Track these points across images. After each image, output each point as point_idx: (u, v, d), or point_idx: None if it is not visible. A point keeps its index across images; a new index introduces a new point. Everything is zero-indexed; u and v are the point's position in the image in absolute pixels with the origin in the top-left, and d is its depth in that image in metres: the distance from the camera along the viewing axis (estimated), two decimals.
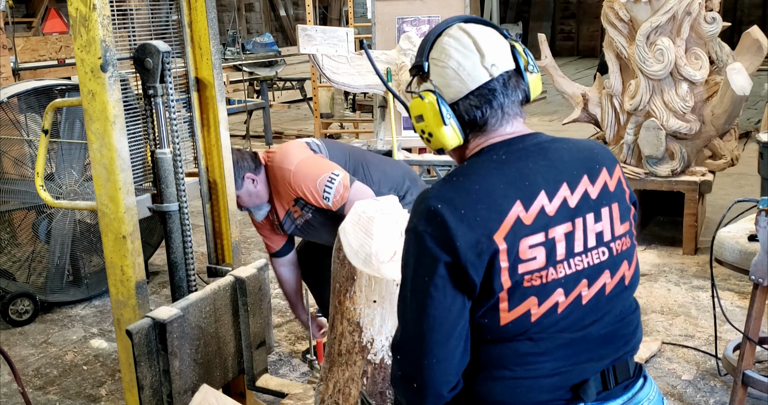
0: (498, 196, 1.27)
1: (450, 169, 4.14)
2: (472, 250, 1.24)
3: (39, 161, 2.54)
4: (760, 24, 2.39)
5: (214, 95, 2.54)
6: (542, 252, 1.27)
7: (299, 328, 3.79)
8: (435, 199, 1.28)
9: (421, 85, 1.40)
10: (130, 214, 2.17)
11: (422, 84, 1.40)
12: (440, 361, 1.26)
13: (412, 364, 1.29)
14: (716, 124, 4.49)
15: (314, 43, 3.73)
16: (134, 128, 2.39)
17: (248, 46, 9.90)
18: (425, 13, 4.87)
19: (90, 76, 2.07)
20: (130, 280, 2.19)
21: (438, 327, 1.26)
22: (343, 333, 2.04)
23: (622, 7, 4.87)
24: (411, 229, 1.30)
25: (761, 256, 2.52)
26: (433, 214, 1.26)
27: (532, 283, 1.27)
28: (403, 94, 3.80)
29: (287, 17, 16.99)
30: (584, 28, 19.63)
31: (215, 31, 2.51)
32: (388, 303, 1.97)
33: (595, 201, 1.33)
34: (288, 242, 3.22)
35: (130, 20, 2.36)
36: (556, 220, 1.29)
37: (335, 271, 2.06)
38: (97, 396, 3.28)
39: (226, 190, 2.62)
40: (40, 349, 3.75)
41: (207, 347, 2.42)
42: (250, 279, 2.52)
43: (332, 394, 2.10)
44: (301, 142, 3.00)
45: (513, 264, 1.25)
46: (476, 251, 1.24)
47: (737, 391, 2.73)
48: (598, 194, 1.34)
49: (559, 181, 1.31)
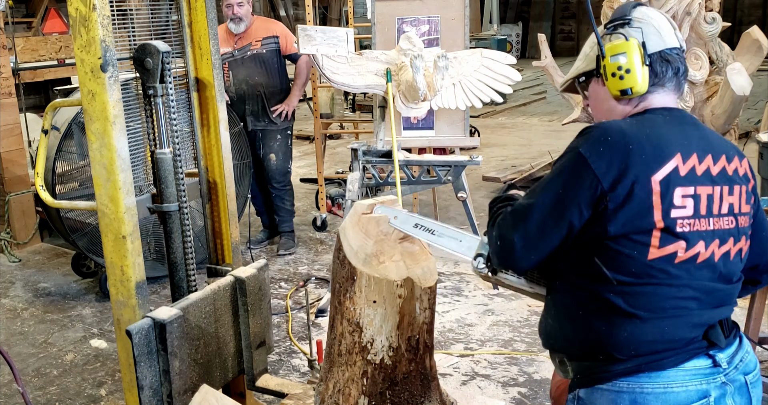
0: (664, 144, 1.46)
1: (450, 169, 4.15)
2: (626, 181, 1.41)
3: (39, 161, 2.54)
4: (760, 24, 2.40)
5: (214, 95, 2.54)
6: (691, 203, 1.45)
7: (299, 328, 3.79)
8: (609, 129, 1.47)
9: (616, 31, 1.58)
10: (130, 214, 2.17)
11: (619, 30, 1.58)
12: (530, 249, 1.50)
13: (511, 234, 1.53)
14: (716, 124, 4.48)
15: (314, 43, 3.72)
16: (134, 128, 2.39)
17: None
18: (425, 13, 4.86)
19: (90, 76, 2.07)
20: (130, 281, 2.19)
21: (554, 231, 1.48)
22: (343, 333, 2.04)
23: None
24: (574, 148, 1.48)
25: None
26: (603, 141, 1.44)
27: (682, 229, 1.44)
28: (402, 93, 3.80)
29: (287, 17, 16.98)
30: (584, 28, 19.63)
31: (215, 31, 2.51)
32: (388, 303, 1.97)
33: (729, 177, 1.52)
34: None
35: (130, 20, 2.36)
36: (702, 180, 1.47)
37: (335, 271, 2.06)
38: (97, 396, 3.28)
39: (226, 190, 2.62)
40: (40, 349, 3.75)
41: (207, 347, 2.42)
42: (250, 279, 2.52)
43: (332, 395, 2.10)
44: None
45: (667, 208, 1.43)
46: (628, 184, 1.41)
47: None
48: (732, 173, 1.53)
49: (706, 151, 1.50)
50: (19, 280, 4.77)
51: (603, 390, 1.49)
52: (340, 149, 8.62)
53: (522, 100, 12.01)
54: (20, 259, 5.16)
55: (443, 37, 4.84)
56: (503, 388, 3.22)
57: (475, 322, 3.91)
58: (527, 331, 3.75)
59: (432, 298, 2.07)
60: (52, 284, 4.67)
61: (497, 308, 4.06)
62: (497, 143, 8.74)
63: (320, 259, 4.98)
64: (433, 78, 3.68)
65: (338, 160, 8.07)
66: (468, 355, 3.53)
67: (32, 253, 5.31)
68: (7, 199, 5.25)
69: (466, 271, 4.61)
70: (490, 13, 16.54)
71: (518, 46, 18.69)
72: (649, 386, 1.45)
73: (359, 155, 4.14)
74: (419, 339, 2.06)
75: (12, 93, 5.28)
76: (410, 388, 2.07)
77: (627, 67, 1.53)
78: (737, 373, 1.51)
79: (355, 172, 4.14)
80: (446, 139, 4.92)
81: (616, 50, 1.55)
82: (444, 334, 3.75)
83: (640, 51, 1.53)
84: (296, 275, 4.69)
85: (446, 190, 6.14)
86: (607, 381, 1.48)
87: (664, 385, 1.44)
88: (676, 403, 1.44)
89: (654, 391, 1.44)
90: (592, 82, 1.67)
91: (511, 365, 3.41)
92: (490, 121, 10.46)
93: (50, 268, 5.00)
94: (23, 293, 4.54)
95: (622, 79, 1.54)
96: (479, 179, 6.73)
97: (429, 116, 4.87)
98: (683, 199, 1.44)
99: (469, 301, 4.17)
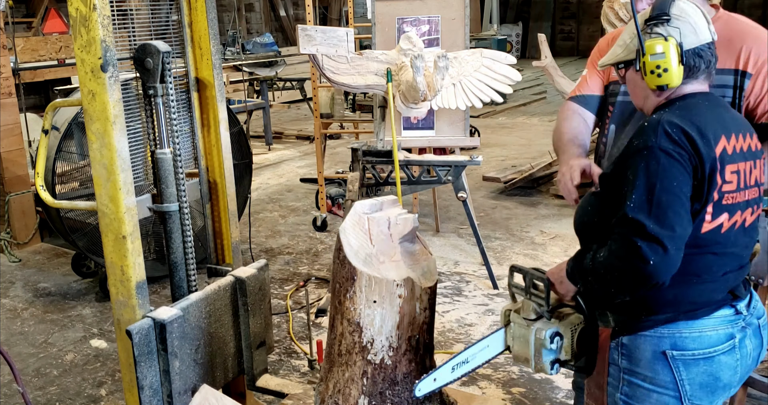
0: (711, 128, 1.63)
1: (450, 169, 4.15)
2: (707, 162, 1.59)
3: (39, 161, 2.53)
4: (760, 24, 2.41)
5: (214, 95, 2.54)
6: (735, 178, 1.64)
7: (299, 328, 3.79)
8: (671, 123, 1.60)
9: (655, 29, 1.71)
10: (130, 214, 2.16)
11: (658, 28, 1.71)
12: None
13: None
14: None
15: (314, 43, 3.72)
16: (134, 128, 2.39)
17: (248, 46, 9.90)
18: (425, 13, 4.86)
19: (90, 76, 2.07)
20: (130, 281, 2.18)
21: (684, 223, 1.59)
22: (343, 333, 2.04)
23: (622, 8, 4.87)
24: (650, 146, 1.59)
25: (761, 256, 2.52)
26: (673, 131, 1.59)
27: (728, 201, 1.64)
28: (402, 93, 3.80)
29: (287, 17, 16.98)
30: (584, 28, 19.62)
31: (215, 31, 2.51)
32: (388, 303, 1.97)
33: (753, 152, 1.71)
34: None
35: (130, 20, 2.36)
36: (740, 157, 1.66)
37: (335, 271, 2.06)
38: (97, 396, 3.28)
39: (226, 190, 2.62)
40: (40, 349, 3.75)
41: (207, 347, 2.42)
42: (250, 279, 2.52)
43: (332, 395, 2.10)
44: None
45: (721, 184, 1.62)
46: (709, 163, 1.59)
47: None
48: (754, 149, 1.73)
49: (739, 131, 1.69)
50: (19, 280, 4.77)
51: (646, 336, 1.70)
52: (341, 149, 8.63)
53: (522, 100, 12.01)
54: (20, 259, 5.16)
55: (443, 37, 4.84)
56: (503, 387, 3.22)
57: (476, 322, 3.91)
58: None
59: (432, 298, 2.07)
60: (52, 284, 4.68)
61: (497, 308, 4.06)
62: (497, 143, 8.74)
63: (320, 259, 4.98)
64: (434, 78, 3.68)
65: (338, 160, 8.07)
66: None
67: (32, 253, 5.31)
68: (7, 199, 5.25)
69: (466, 271, 4.61)
70: (490, 13, 16.54)
71: (518, 46, 18.69)
72: (687, 331, 1.68)
73: (359, 155, 4.15)
74: (419, 339, 2.06)
75: (12, 93, 5.28)
76: (410, 388, 2.07)
77: (665, 66, 1.68)
78: (752, 317, 1.77)
79: (355, 172, 4.15)
80: (446, 139, 4.92)
81: (655, 50, 1.68)
82: (444, 334, 3.75)
83: (678, 51, 1.68)
84: (296, 275, 4.69)
85: (446, 190, 6.14)
86: (649, 329, 1.70)
87: (699, 331, 1.68)
88: (710, 345, 1.68)
89: (691, 336, 1.68)
90: (630, 70, 1.80)
91: (511, 365, 3.41)
92: (490, 121, 10.46)
93: (50, 268, 5.00)
94: (23, 293, 4.54)
95: (660, 76, 1.69)
96: (479, 179, 6.73)
97: (429, 116, 4.87)
98: (731, 174, 1.64)
99: (469, 301, 4.17)
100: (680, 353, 1.68)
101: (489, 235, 5.25)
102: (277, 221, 5.97)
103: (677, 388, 1.69)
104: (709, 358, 1.69)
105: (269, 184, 7.26)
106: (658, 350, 1.69)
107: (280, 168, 8.00)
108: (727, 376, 1.71)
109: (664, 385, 1.70)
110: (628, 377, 1.74)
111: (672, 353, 1.68)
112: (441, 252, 5.01)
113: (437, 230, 5.51)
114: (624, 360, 1.74)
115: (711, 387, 1.70)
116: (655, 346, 1.69)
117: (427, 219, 5.72)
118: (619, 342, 1.75)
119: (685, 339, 1.68)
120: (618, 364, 1.76)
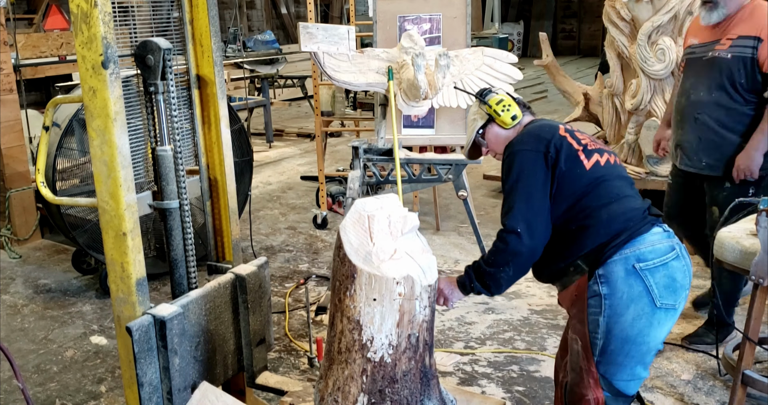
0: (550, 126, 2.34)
1: (451, 167, 4.15)
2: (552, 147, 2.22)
3: (40, 158, 2.53)
4: None
5: (215, 92, 2.54)
6: (584, 137, 2.31)
7: (299, 326, 3.79)
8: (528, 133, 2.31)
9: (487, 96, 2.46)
10: (131, 211, 2.16)
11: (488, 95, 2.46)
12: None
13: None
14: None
15: (315, 40, 3.72)
16: (135, 125, 2.39)
17: (249, 43, 9.90)
18: (427, 11, 4.86)
19: (91, 73, 2.06)
20: (131, 277, 2.19)
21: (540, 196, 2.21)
22: (342, 331, 2.04)
23: (623, 7, 4.87)
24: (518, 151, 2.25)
25: (761, 256, 2.52)
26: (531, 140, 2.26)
27: (591, 147, 2.26)
28: (403, 91, 3.80)
29: (288, 15, 16.97)
30: (585, 27, 19.61)
31: (216, 29, 2.51)
32: (387, 301, 1.97)
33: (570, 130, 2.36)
34: None
35: (131, 17, 2.36)
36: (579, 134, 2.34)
37: (335, 269, 2.06)
38: (96, 392, 3.28)
39: (227, 187, 2.62)
40: (40, 345, 3.75)
41: (207, 344, 2.42)
42: (251, 276, 2.52)
43: (332, 392, 2.10)
44: None
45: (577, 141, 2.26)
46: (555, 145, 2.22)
47: (737, 391, 2.73)
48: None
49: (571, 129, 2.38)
50: (19, 277, 4.77)
51: (615, 261, 2.12)
52: (341, 147, 8.63)
53: (523, 98, 12.01)
54: (21, 256, 5.16)
55: (445, 36, 4.84)
56: (503, 386, 3.22)
57: (476, 320, 3.91)
58: (527, 330, 3.76)
59: (432, 296, 2.07)
60: (53, 281, 4.68)
61: (498, 307, 4.07)
62: None
63: (320, 257, 4.98)
64: (435, 76, 3.68)
65: (339, 157, 8.07)
66: (468, 353, 3.53)
67: (33, 249, 5.31)
68: (7, 196, 5.25)
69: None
70: (491, 12, 16.53)
71: (519, 45, 18.68)
72: (643, 247, 2.12)
73: (360, 153, 4.14)
74: (419, 337, 2.06)
75: (13, 89, 5.28)
76: (410, 386, 2.07)
77: (507, 103, 2.41)
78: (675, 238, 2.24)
79: (355, 170, 4.14)
80: (447, 138, 4.93)
81: (495, 99, 2.41)
82: (444, 333, 3.75)
83: (509, 95, 2.44)
84: (296, 273, 4.69)
85: (447, 188, 6.14)
86: (614, 254, 2.12)
87: (651, 244, 2.13)
88: (662, 253, 2.13)
89: (647, 249, 2.12)
90: (488, 128, 2.43)
91: (511, 364, 3.41)
92: None
93: (51, 264, 5.01)
94: (24, 290, 4.54)
95: (509, 109, 2.39)
96: (480, 178, 6.73)
97: (430, 115, 4.87)
98: (580, 135, 2.30)
99: (469, 299, 4.17)
100: (645, 264, 2.10)
101: (489, 234, 5.24)
102: (277, 219, 5.97)
103: (649, 293, 2.10)
104: (665, 264, 2.12)
105: (270, 182, 7.26)
106: (629, 266, 2.10)
107: (280, 166, 8.00)
108: (680, 277, 2.14)
109: (639, 294, 2.10)
110: (608, 301, 2.12)
111: (639, 265, 2.10)
112: (441, 250, 5.01)
113: (438, 228, 5.51)
114: (604, 286, 2.12)
115: (672, 287, 2.12)
116: (625, 264, 2.11)
117: (427, 217, 5.72)
118: (595, 276, 2.14)
119: (644, 252, 2.12)
120: (599, 293, 2.12)
